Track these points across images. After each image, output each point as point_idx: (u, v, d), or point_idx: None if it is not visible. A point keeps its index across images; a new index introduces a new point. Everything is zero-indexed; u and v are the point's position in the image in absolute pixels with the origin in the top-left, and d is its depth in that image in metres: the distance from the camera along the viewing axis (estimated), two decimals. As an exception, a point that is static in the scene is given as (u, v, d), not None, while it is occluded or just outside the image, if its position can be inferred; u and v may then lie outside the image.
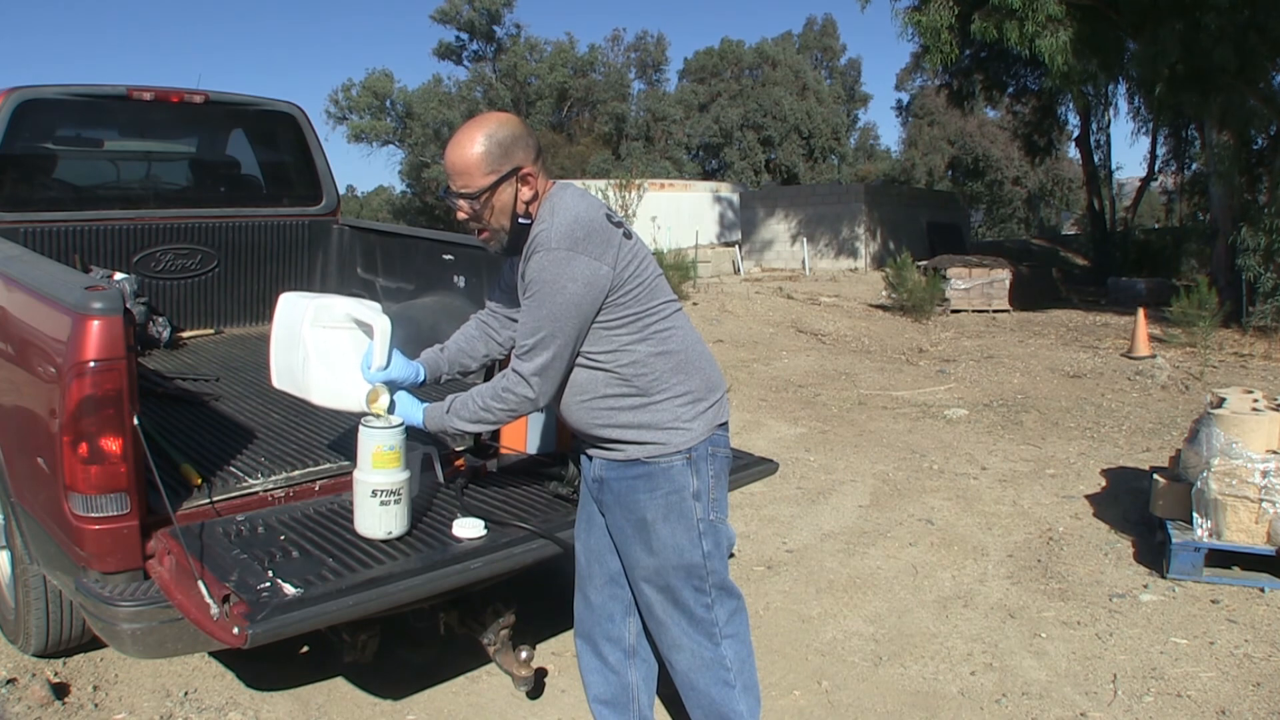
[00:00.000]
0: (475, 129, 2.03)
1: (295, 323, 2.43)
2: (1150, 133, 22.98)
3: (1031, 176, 35.38)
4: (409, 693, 2.90)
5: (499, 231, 2.08)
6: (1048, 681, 3.02)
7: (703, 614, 2.13)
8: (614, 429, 2.09)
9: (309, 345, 2.37)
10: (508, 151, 2.02)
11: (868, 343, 11.08)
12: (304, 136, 4.76)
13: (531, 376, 2.03)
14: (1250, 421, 3.78)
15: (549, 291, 1.97)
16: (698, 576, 2.12)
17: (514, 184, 2.04)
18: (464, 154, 2.01)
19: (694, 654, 2.15)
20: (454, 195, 2.05)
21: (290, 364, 2.45)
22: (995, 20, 13.62)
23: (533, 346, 2.02)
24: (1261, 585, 3.68)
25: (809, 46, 41.25)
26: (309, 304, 2.43)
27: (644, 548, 2.12)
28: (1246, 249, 11.79)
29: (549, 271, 1.97)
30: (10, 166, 3.98)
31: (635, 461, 2.09)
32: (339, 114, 38.12)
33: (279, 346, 2.51)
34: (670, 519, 2.09)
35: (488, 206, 2.04)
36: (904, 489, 5.08)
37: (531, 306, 2.01)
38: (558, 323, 1.99)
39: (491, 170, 2.01)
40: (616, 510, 2.15)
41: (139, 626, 2.20)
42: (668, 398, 2.07)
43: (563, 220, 1.99)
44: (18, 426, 2.55)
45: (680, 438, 2.08)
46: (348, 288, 4.90)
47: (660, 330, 2.08)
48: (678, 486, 2.09)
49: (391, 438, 2.29)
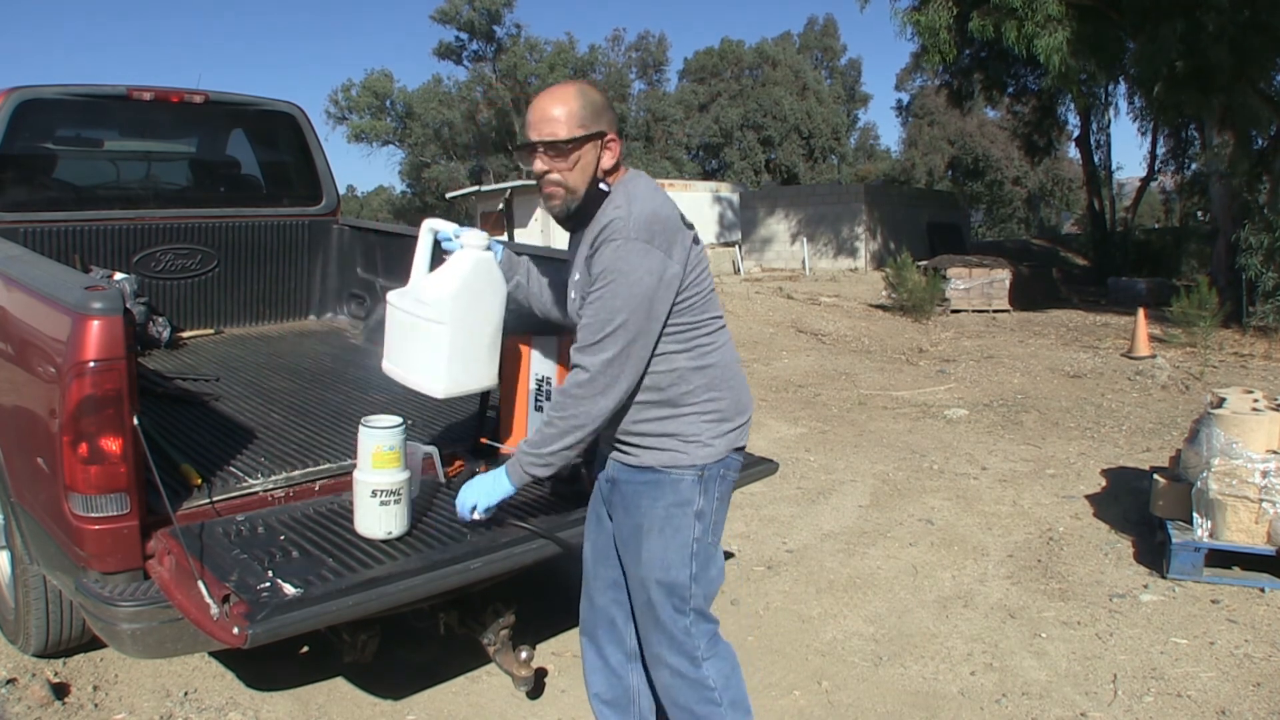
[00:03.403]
0: (570, 85, 2.03)
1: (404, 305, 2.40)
2: (1150, 133, 22.98)
3: (1031, 176, 35.38)
4: (409, 693, 2.89)
5: (573, 191, 2.00)
6: (1048, 681, 3.02)
7: (681, 636, 2.09)
8: (635, 435, 2.05)
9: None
10: (598, 113, 1.99)
11: (868, 343, 11.08)
12: (304, 136, 4.76)
13: (598, 372, 1.92)
14: (1250, 421, 3.78)
15: (625, 283, 1.90)
16: (678, 596, 2.07)
17: (598, 147, 1.99)
18: (557, 104, 1.97)
19: (675, 671, 2.10)
20: (535, 144, 1.98)
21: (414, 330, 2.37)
22: (994, 19, 13.63)
23: (600, 340, 1.92)
24: (1261, 585, 3.68)
25: (809, 46, 41.26)
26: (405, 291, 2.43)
27: (634, 556, 2.09)
28: (1247, 249, 11.78)
29: (626, 261, 1.90)
30: (10, 166, 3.98)
31: (648, 468, 2.06)
32: (339, 114, 38.17)
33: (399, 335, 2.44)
34: (665, 531, 2.05)
35: (570, 160, 1.97)
36: (904, 489, 5.08)
37: (603, 297, 1.92)
38: (632, 315, 1.90)
39: (581, 125, 1.96)
40: (620, 512, 2.13)
41: (139, 626, 2.20)
42: (695, 412, 2.03)
43: (640, 211, 1.94)
44: (18, 426, 2.55)
45: (699, 453, 2.04)
46: (348, 288, 4.91)
47: (704, 345, 2.04)
48: (682, 500, 2.04)
49: (391, 438, 2.29)
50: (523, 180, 25.59)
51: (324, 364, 4.05)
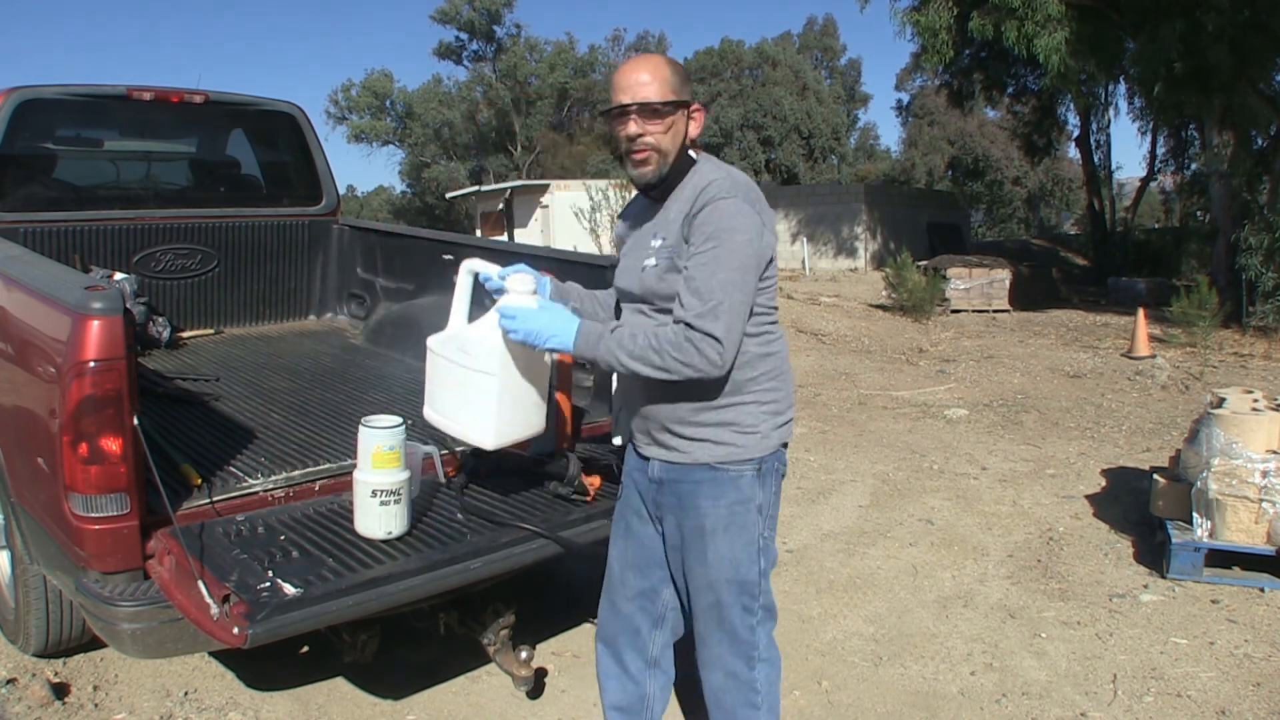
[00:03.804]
0: (656, 55, 2.03)
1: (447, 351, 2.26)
2: (1150, 133, 22.98)
3: (1031, 176, 35.37)
4: (409, 693, 2.89)
5: (665, 156, 1.98)
6: (1048, 681, 3.02)
7: (746, 635, 2.07)
8: (689, 425, 2.00)
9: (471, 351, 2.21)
10: (685, 82, 2.01)
11: (868, 343, 11.08)
12: (304, 136, 4.77)
13: (722, 338, 1.85)
14: (1250, 421, 3.78)
15: (733, 244, 1.86)
16: (749, 594, 2.05)
17: (686, 116, 2.01)
18: (649, 69, 1.97)
19: (728, 674, 2.09)
20: (629, 107, 1.95)
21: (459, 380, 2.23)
22: (994, 19, 13.63)
23: (715, 306, 1.84)
24: (1261, 585, 3.68)
25: (809, 46, 41.27)
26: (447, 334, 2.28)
27: (699, 557, 2.04)
28: (1247, 249, 11.78)
29: (737, 219, 1.87)
30: (10, 166, 3.98)
31: (703, 465, 2.01)
32: (339, 114, 38.23)
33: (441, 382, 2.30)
34: (731, 530, 2.01)
35: (665, 123, 1.96)
36: (904, 489, 5.08)
37: (711, 259, 1.85)
38: (744, 276, 1.87)
39: (674, 90, 1.97)
40: (674, 514, 2.07)
41: (139, 626, 2.20)
42: (755, 401, 2.01)
43: (739, 177, 1.97)
44: (18, 426, 2.55)
45: (757, 445, 2.01)
46: (348, 288, 4.91)
47: (769, 332, 2.02)
48: (744, 497, 2.01)
49: (391, 438, 2.29)
50: (523, 180, 25.61)
51: (324, 364, 4.05)
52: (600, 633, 2.29)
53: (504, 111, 35.96)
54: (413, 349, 4.13)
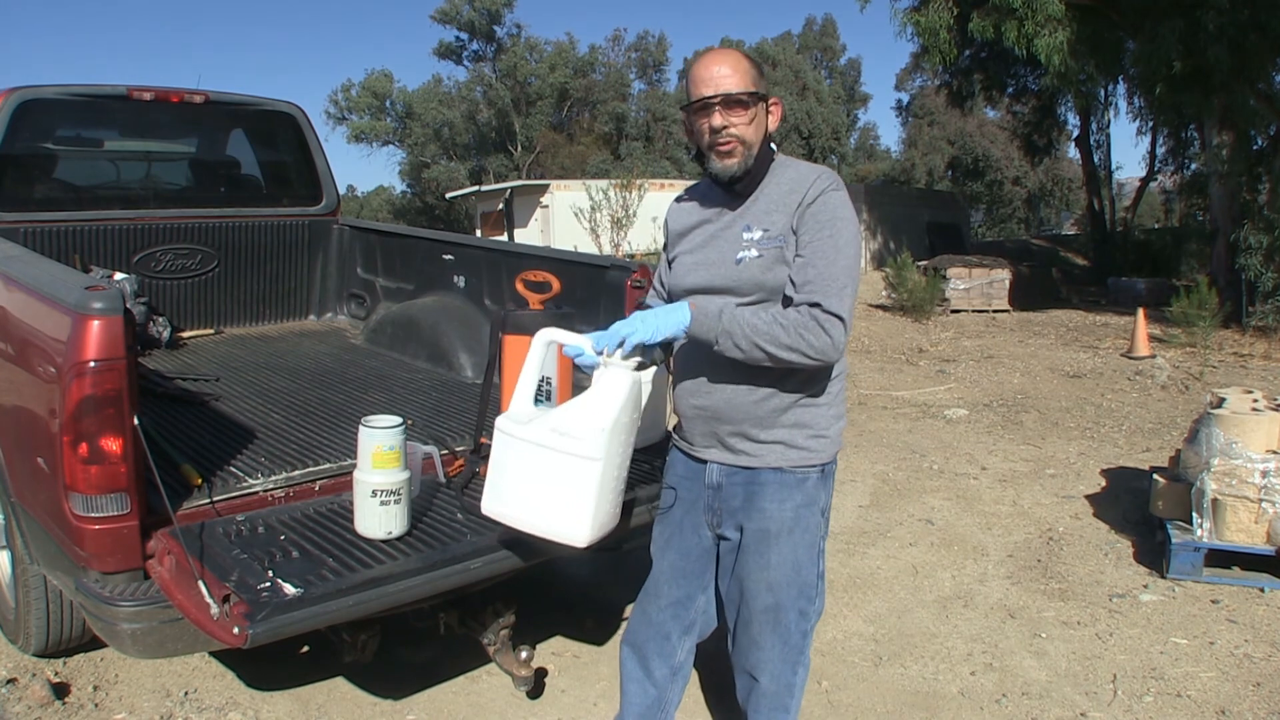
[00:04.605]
0: (733, 49, 2.03)
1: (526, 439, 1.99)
2: (1150, 133, 22.97)
3: (1031, 176, 35.36)
4: (409, 693, 2.90)
5: (750, 147, 1.96)
6: (1048, 681, 3.02)
7: (798, 640, 2.07)
8: (761, 427, 1.98)
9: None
10: (763, 75, 2.02)
11: (868, 342, 11.08)
12: (304, 136, 4.77)
13: (846, 321, 1.87)
14: (1250, 421, 3.78)
15: (849, 234, 1.91)
16: (806, 597, 2.05)
17: (765, 109, 2.01)
18: (729, 61, 1.97)
19: (775, 678, 2.10)
20: (712, 99, 1.93)
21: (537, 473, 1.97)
22: (994, 20, 13.62)
23: (841, 289, 1.87)
24: (1261, 585, 3.68)
25: (809, 46, 41.27)
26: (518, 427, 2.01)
27: (760, 560, 2.03)
28: (1247, 249, 11.78)
29: (846, 210, 1.93)
30: (10, 166, 3.98)
31: (773, 469, 2.00)
32: (339, 114, 38.21)
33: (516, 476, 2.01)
34: (795, 533, 2.01)
35: (748, 115, 1.95)
36: (904, 489, 5.08)
37: (831, 246, 1.89)
38: (857, 265, 1.91)
39: (754, 82, 1.97)
40: (737, 517, 2.05)
41: (139, 626, 2.20)
42: (827, 403, 2.02)
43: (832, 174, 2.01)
44: (18, 426, 2.55)
45: (826, 448, 2.01)
46: (348, 288, 4.91)
47: None
48: (810, 500, 2.01)
49: (391, 438, 2.29)
50: (523, 180, 25.58)
51: (324, 364, 4.05)
52: (628, 636, 2.28)
53: (504, 111, 35.95)
54: (412, 349, 4.14)
